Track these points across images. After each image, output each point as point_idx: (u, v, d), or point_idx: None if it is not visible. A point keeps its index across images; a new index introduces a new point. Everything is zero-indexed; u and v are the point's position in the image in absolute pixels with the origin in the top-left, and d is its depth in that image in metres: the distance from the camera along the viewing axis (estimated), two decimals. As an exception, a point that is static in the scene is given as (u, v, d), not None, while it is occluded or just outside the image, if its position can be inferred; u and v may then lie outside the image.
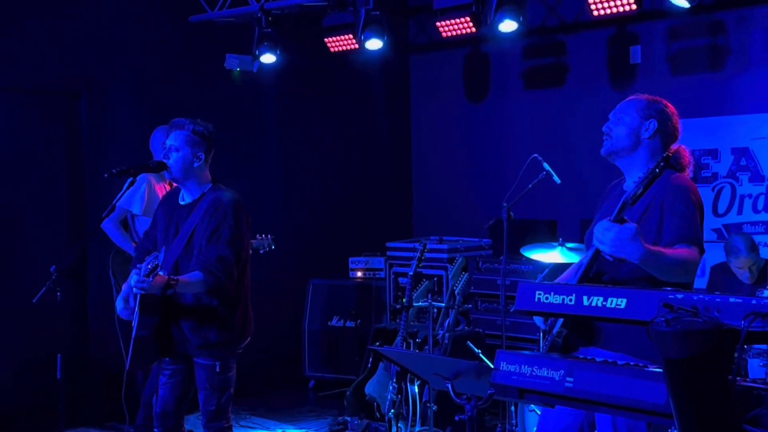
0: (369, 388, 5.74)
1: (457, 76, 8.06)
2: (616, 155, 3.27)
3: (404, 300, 5.48)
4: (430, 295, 5.55)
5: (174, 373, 4.10)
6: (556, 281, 3.35)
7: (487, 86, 7.86)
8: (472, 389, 2.90)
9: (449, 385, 2.95)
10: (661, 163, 2.88)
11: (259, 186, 7.16)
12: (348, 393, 5.80)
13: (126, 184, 4.12)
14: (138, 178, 4.92)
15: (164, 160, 4.05)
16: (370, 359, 5.83)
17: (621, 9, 5.99)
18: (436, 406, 5.19)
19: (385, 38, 6.41)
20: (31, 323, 5.97)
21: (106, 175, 4.13)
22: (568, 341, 3.03)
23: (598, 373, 2.29)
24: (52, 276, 4.09)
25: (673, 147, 3.21)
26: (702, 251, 3.04)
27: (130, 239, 5.50)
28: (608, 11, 6.04)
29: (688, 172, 3.21)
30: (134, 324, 3.93)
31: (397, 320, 6.45)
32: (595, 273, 3.03)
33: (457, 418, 2.92)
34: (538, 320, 3.20)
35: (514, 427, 5.08)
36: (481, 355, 4.96)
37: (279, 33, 6.66)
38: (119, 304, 4.09)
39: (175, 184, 4.28)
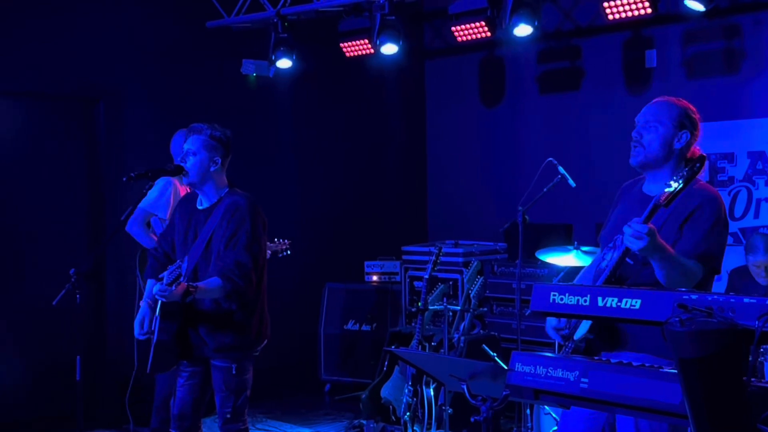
0: (385, 392, 5.75)
1: (472, 81, 8.08)
2: (648, 166, 3.19)
3: (420, 303, 5.50)
4: (445, 299, 5.56)
5: (191, 375, 4.14)
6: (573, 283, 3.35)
7: (502, 90, 7.87)
8: (487, 390, 2.90)
9: (465, 387, 2.96)
10: (697, 165, 2.88)
11: (274, 191, 7.20)
12: (364, 396, 5.82)
13: (146, 188, 4.16)
14: (164, 182, 4.97)
15: (182, 164, 4.09)
16: (386, 362, 5.85)
17: (636, 13, 5.99)
18: (451, 409, 5.20)
19: (401, 43, 6.44)
20: (51, 326, 6.04)
21: (125, 179, 4.18)
22: (587, 347, 3.04)
23: (613, 374, 2.30)
24: (72, 279, 4.14)
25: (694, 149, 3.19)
26: (712, 271, 3.04)
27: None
28: (623, 15, 6.04)
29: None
30: (155, 329, 3.99)
31: (413, 324, 6.46)
32: (618, 278, 3.04)
33: (472, 420, 2.93)
34: (550, 331, 3.19)
35: (529, 431, 5.08)
36: (496, 358, 4.97)
37: (295, 38, 6.71)
38: (136, 327, 4.15)
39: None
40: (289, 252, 5.79)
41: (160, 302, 3.98)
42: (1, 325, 6.06)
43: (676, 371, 2.09)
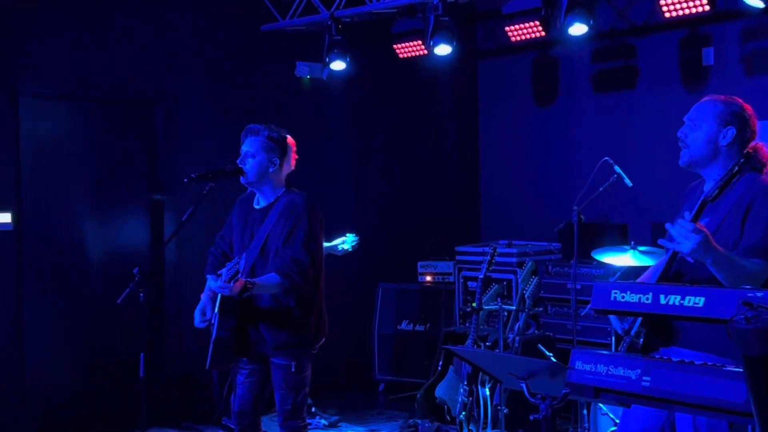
0: (439, 391, 5.77)
1: (526, 81, 8.06)
2: (696, 165, 3.20)
3: (474, 303, 5.51)
4: (499, 299, 5.57)
5: (251, 372, 4.20)
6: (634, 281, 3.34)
7: (555, 90, 7.84)
8: (546, 389, 2.90)
9: (524, 385, 2.96)
10: (741, 160, 2.86)
11: (328, 191, 7.26)
12: (418, 396, 5.84)
13: (206, 189, 4.23)
14: None
15: (240, 166, 4.16)
16: (440, 362, 5.87)
17: (693, 10, 5.93)
18: (507, 409, 5.21)
19: (454, 44, 6.45)
20: (113, 324, 6.18)
21: (185, 180, 4.26)
22: (647, 341, 3.02)
23: (675, 372, 2.29)
24: (135, 278, 4.23)
25: (751, 144, 3.16)
26: None
27: None
28: (680, 13, 5.99)
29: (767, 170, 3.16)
30: (214, 325, 4.06)
31: (467, 324, 6.48)
32: (674, 273, 3.02)
33: (531, 418, 2.94)
34: (614, 322, 3.19)
35: (585, 431, 5.06)
36: (552, 358, 4.95)
37: (349, 40, 6.75)
38: (197, 316, 4.21)
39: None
40: (354, 245, 5.87)
41: (219, 298, 4.05)
42: (65, 324, 6.21)
43: (739, 369, 2.09)
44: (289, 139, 4.24)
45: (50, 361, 6.12)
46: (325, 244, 5.97)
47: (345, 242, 5.95)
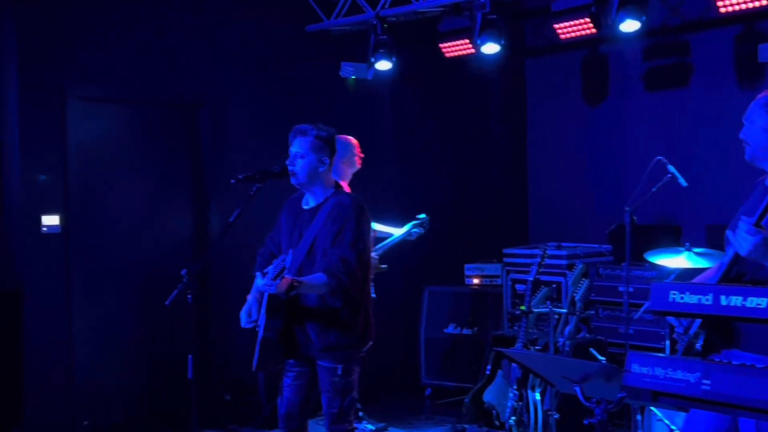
0: (488, 396, 5.76)
1: (575, 79, 8.00)
2: (757, 159, 3.18)
3: (523, 306, 5.49)
4: (549, 302, 5.54)
5: (298, 375, 4.22)
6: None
7: (606, 89, 7.78)
8: (601, 392, 2.89)
9: (578, 388, 2.95)
10: None
11: (374, 192, 7.26)
12: (466, 400, 5.84)
13: (253, 190, 4.27)
14: None
15: (289, 167, 4.19)
16: (489, 366, 5.85)
17: (750, 5, 5.85)
18: (558, 414, 5.17)
19: (502, 42, 6.43)
20: (162, 325, 6.26)
21: (233, 181, 4.31)
22: (706, 343, 2.98)
23: (737, 375, 2.27)
24: (183, 279, 4.28)
25: None
26: None
27: None
28: (736, 8, 5.91)
29: None
30: (261, 325, 4.08)
31: (515, 327, 6.45)
32: (736, 274, 2.98)
33: (586, 422, 2.92)
34: (673, 321, 3.15)
35: (639, 438, 5.01)
36: (604, 362, 4.92)
37: (394, 40, 6.77)
38: (243, 317, 4.23)
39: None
40: (425, 227, 6.03)
41: (265, 297, 4.04)
42: (113, 325, 6.31)
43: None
44: (352, 139, 4.25)
45: (99, 363, 6.23)
46: (396, 233, 6.06)
47: (416, 225, 6.01)
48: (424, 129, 7.87)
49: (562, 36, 6.82)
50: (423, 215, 6.11)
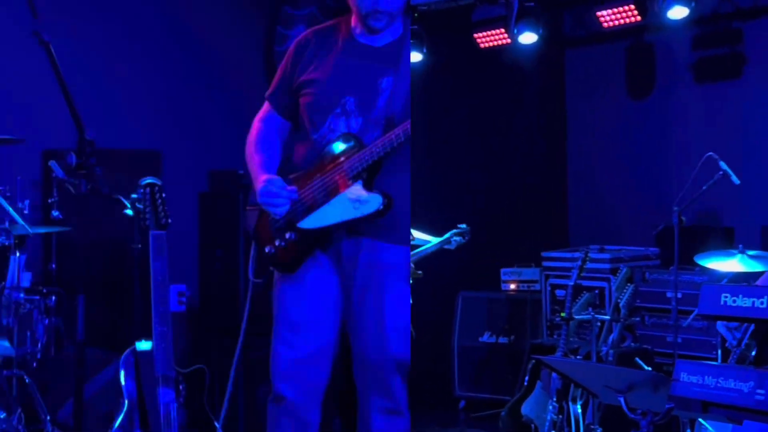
0: (525, 409, 5.73)
1: (618, 70, 7.96)
2: None
3: (563, 313, 5.47)
4: (591, 309, 5.51)
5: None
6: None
7: (651, 80, 7.73)
8: (647, 403, 2.88)
9: (622, 399, 2.94)
10: None
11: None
12: (503, 413, 5.81)
13: None
14: None
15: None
16: (527, 377, 5.83)
17: (809, -10, 5.80)
18: (600, 428, 5.15)
19: (540, 31, 6.42)
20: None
21: None
22: (761, 353, 2.97)
23: (793, 385, 2.25)
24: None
25: None
26: None
27: None
28: (793, -7, 5.86)
29: None
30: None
31: (555, 335, 6.42)
32: None
33: (631, 435, 2.92)
34: (724, 332, 3.14)
35: (688, 452, 4.97)
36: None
37: (426, 30, 6.78)
38: None
39: None
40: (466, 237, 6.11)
41: None
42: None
43: None
44: None
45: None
46: (433, 240, 6.10)
47: (456, 234, 6.07)
48: (457, 124, 7.86)
49: (605, 24, 6.80)
50: (464, 225, 6.12)
